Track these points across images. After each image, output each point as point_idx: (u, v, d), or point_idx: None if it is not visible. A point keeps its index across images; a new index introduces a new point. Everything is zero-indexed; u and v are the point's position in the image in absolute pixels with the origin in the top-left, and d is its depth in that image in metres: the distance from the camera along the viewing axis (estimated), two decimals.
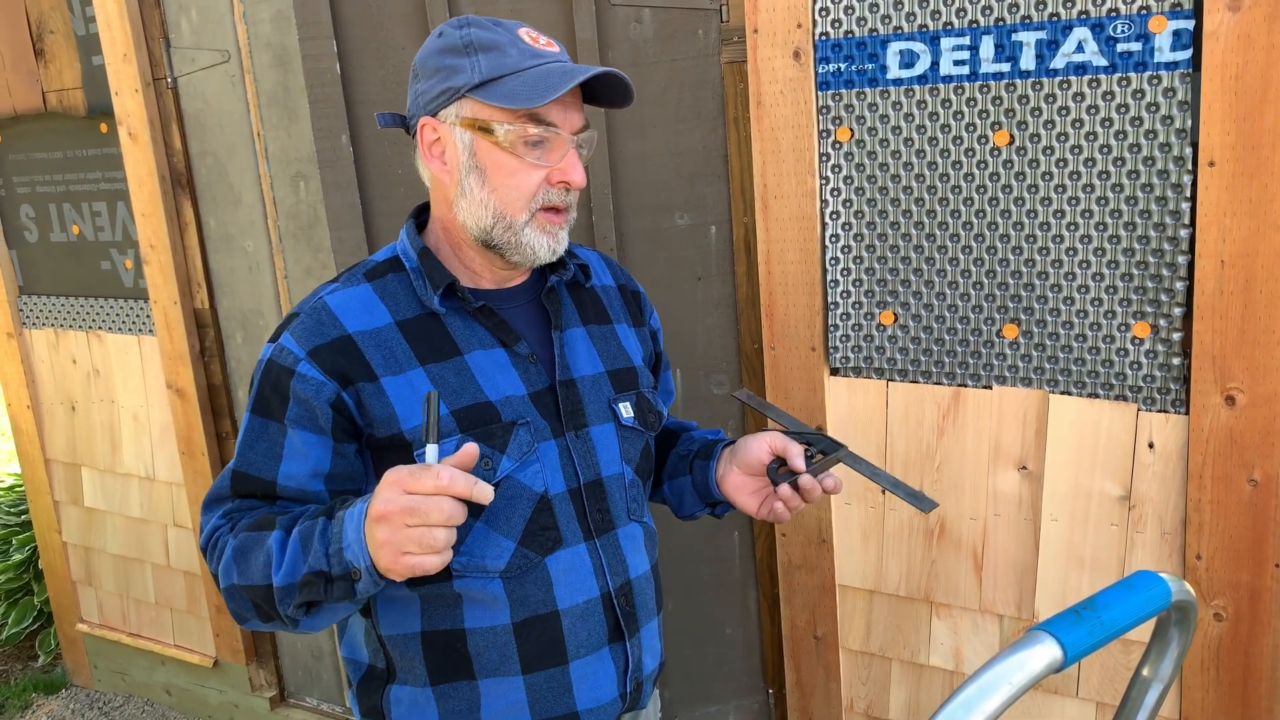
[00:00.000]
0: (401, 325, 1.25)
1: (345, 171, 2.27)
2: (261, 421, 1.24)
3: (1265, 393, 1.61)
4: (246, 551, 1.17)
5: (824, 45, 1.85)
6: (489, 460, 1.21)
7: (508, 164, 1.22)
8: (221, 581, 1.20)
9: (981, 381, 1.86)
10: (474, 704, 1.26)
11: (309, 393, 1.20)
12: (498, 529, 1.23)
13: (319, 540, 1.09)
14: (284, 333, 1.25)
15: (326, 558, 1.08)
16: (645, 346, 1.47)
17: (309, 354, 1.21)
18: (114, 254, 2.90)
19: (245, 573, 1.16)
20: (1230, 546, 1.68)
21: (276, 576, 1.11)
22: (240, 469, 1.24)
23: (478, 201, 1.23)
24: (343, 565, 1.07)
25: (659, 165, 2.15)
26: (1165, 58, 1.60)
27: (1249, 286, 1.59)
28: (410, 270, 1.29)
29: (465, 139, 1.22)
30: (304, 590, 1.09)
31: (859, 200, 1.89)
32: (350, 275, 1.30)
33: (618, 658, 1.32)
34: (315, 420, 1.21)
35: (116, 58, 2.63)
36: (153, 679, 3.28)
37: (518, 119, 1.20)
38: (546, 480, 1.26)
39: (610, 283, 1.47)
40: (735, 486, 1.39)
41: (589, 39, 2.08)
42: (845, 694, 2.15)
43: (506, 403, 1.25)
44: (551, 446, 1.27)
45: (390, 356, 1.23)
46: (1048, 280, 1.77)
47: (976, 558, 1.93)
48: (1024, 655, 0.69)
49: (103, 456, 3.09)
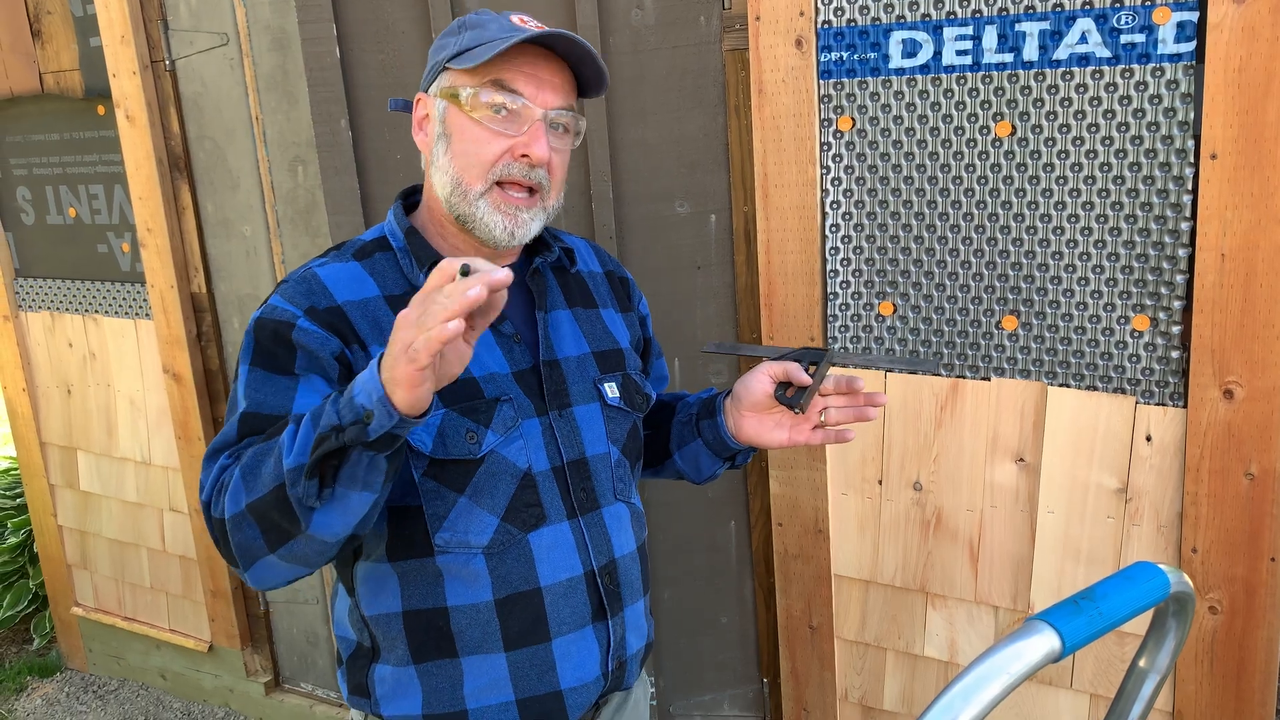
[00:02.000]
0: (389, 300, 1.25)
1: (344, 156, 2.25)
2: (266, 373, 1.18)
3: (1264, 387, 1.60)
4: (257, 465, 1.09)
5: (826, 33, 1.84)
6: (474, 434, 1.21)
7: (470, 130, 1.22)
8: (229, 510, 1.11)
9: (980, 373, 1.86)
10: (457, 681, 1.26)
11: (314, 345, 1.18)
12: (481, 504, 1.23)
13: (330, 405, 1.04)
14: (274, 295, 1.23)
15: (337, 413, 1.02)
16: (633, 331, 1.48)
17: (305, 311, 1.19)
18: (111, 237, 2.89)
19: (255, 485, 1.08)
20: (1226, 540, 1.69)
21: (288, 459, 1.04)
22: (250, 409, 1.18)
23: (443, 169, 1.25)
24: (354, 411, 1.01)
25: (659, 153, 2.14)
26: (1169, 50, 1.59)
27: (1249, 280, 1.58)
28: (397, 250, 1.30)
29: (440, 108, 1.26)
30: (315, 452, 1.02)
31: (860, 190, 1.89)
32: (338, 253, 1.30)
33: (600, 636, 1.31)
34: (324, 370, 1.18)
35: (114, 39, 2.61)
36: (148, 663, 3.28)
37: (482, 84, 1.21)
38: (530, 457, 1.25)
39: (598, 269, 1.47)
40: (754, 429, 1.38)
41: (590, 25, 2.06)
42: (840, 684, 2.15)
43: (490, 379, 1.25)
44: (535, 424, 1.27)
45: (377, 328, 1.22)
46: (1048, 272, 1.76)
47: (973, 549, 1.93)
48: (1022, 645, 0.69)
49: (99, 440, 3.08)
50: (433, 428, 1.20)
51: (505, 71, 1.21)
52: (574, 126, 1.28)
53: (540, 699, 1.28)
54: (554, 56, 1.25)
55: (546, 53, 1.24)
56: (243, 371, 1.22)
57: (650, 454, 1.53)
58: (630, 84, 2.11)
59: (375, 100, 2.24)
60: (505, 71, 1.21)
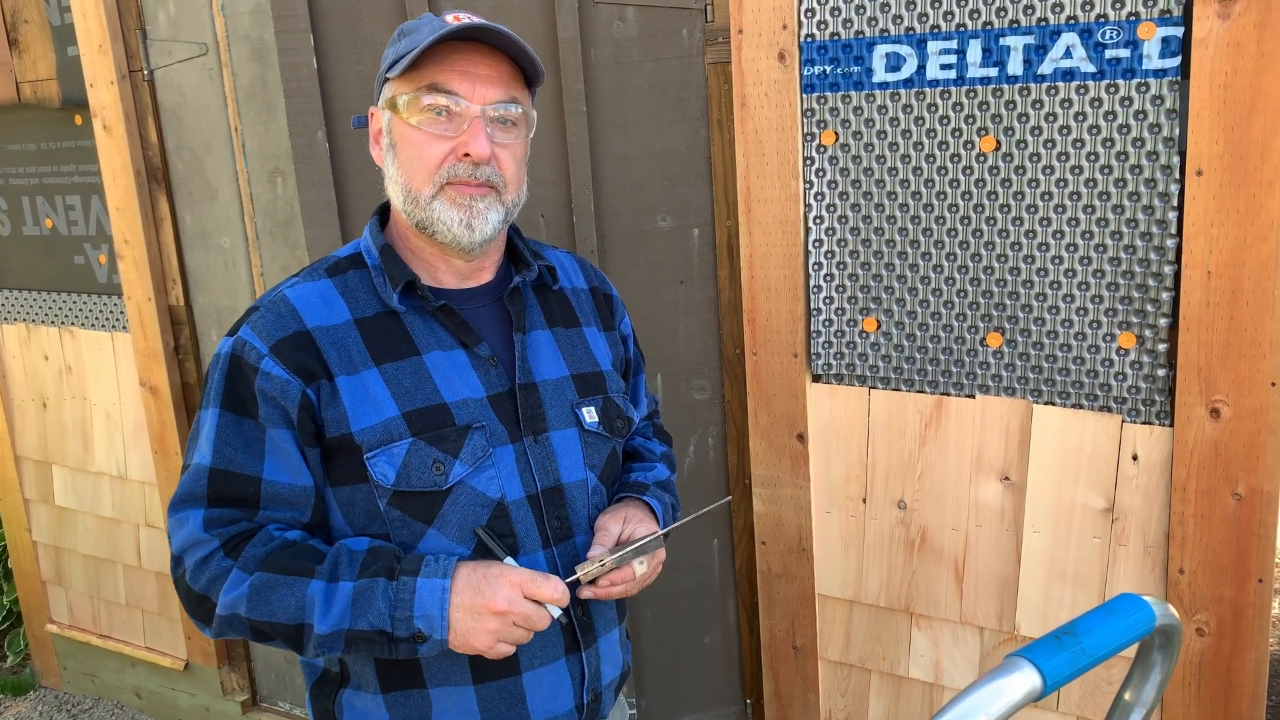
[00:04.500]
0: (359, 323, 1.22)
1: (321, 168, 2.23)
2: (235, 418, 1.19)
3: (1250, 406, 1.58)
4: (268, 591, 1.14)
5: (809, 47, 1.83)
6: (440, 464, 1.18)
7: (412, 137, 1.21)
8: (222, 606, 1.16)
9: (965, 390, 1.84)
10: (425, 712, 1.24)
11: (275, 391, 1.17)
12: (450, 536, 1.20)
13: (382, 602, 1.12)
14: (243, 325, 1.21)
15: (392, 620, 1.12)
16: (615, 351, 1.44)
17: (271, 349, 1.18)
18: (88, 249, 2.85)
19: (264, 609, 1.14)
20: (1213, 561, 1.66)
21: (322, 624, 1.13)
22: (219, 466, 1.18)
23: (394, 180, 1.24)
24: (409, 629, 1.12)
25: (641, 167, 2.11)
26: (1154, 65, 1.58)
27: (1235, 298, 1.56)
28: (372, 267, 1.27)
29: (386, 119, 1.25)
30: (359, 644, 1.14)
31: (843, 205, 1.87)
32: (312, 270, 1.28)
33: (573, 669, 1.29)
34: (288, 417, 1.18)
35: (92, 49, 2.58)
36: (123, 681, 3.22)
37: (417, 89, 1.20)
38: (503, 486, 1.22)
39: (582, 285, 1.43)
40: None
41: (571, 37, 2.04)
42: (824, 705, 2.12)
43: (462, 405, 1.22)
44: (508, 451, 1.24)
45: (345, 355, 1.20)
46: (1033, 289, 1.74)
47: (958, 569, 1.90)
48: (1002, 684, 0.66)
49: (74, 455, 3.04)
50: (396, 458, 1.17)
51: (439, 73, 1.19)
52: (522, 119, 1.25)
53: None
54: (492, 50, 1.21)
55: (483, 47, 1.21)
56: (211, 415, 1.20)
57: None
58: (612, 97, 2.09)
59: (353, 111, 2.21)
60: (439, 73, 1.19)
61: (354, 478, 1.19)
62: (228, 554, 1.17)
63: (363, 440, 1.18)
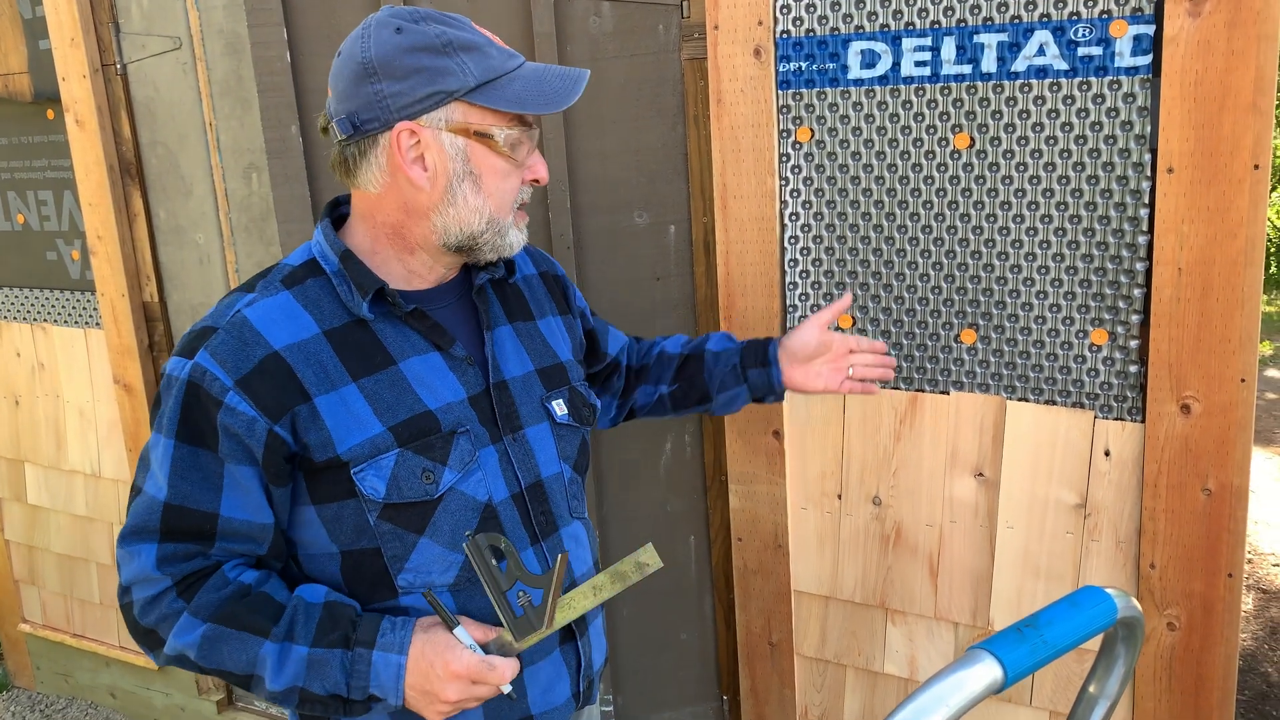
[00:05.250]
0: (329, 335, 1.18)
1: (294, 163, 2.21)
2: (191, 450, 1.14)
3: (1220, 402, 1.60)
4: (220, 643, 1.14)
5: (785, 43, 1.83)
6: (430, 473, 1.17)
7: (501, 168, 1.20)
8: (172, 646, 1.16)
9: (939, 386, 1.85)
10: None
11: (240, 428, 1.12)
12: (443, 543, 1.19)
13: (338, 672, 1.14)
14: (200, 350, 1.14)
15: (347, 687, 1.14)
16: (573, 335, 1.45)
17: (237, 383, 1.12)
18: (60, 244, 2.82)
19: (215, 659, 1.15)
20: (1184, 556, 1.67)
21: (275, 683, 1.14)
22: (174, 502, 1.14)
23: (472, 209, 1.19)
24: (364, 694, 1.15)
25: (618, 163, 2.11)
26: (1126, 62, 1.59)
27: (1205, 294, 1.58)
28: (331, 274, 1.21)
29: (458, 145, 1.16)
30: (313, 704, 1.16)
31: (818, 202, 1.87)
32: (266, 283, 1.22)
33: (569, 658, 1.31)
34: (251, 455, 1.14)
35: (64, 42, 2.55)
36: (97, 681, 3.20)
37: (513, 123, 1.19)
38: (490, 488, 1.23)
39: (531, 271, 1.43)
40: (801, 377, 1.59)
41: (547, 32, 2.03)
42: (800, 701, 2.12)
43: (447, 410, 1.21)
44: (491, 453, 1.24)
45: (321, 372, 1.16)
46: (1006, 285, 1.75)
47: (932, 564, 1.91)
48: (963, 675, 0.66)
49: (47, 453, 3.01)
50: (385, 470, 1.16)
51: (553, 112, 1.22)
52: None
53: None
54: None
55: None
56: (165, 445, 1.15)
57: (682, 398, 1.62)
58: (588, 93, 2.08)
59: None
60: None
61: (340, 494, 1.17)
62: (180, 594, 1.15)
63: (349, 458, 1.15)
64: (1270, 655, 3.35)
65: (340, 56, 1.19)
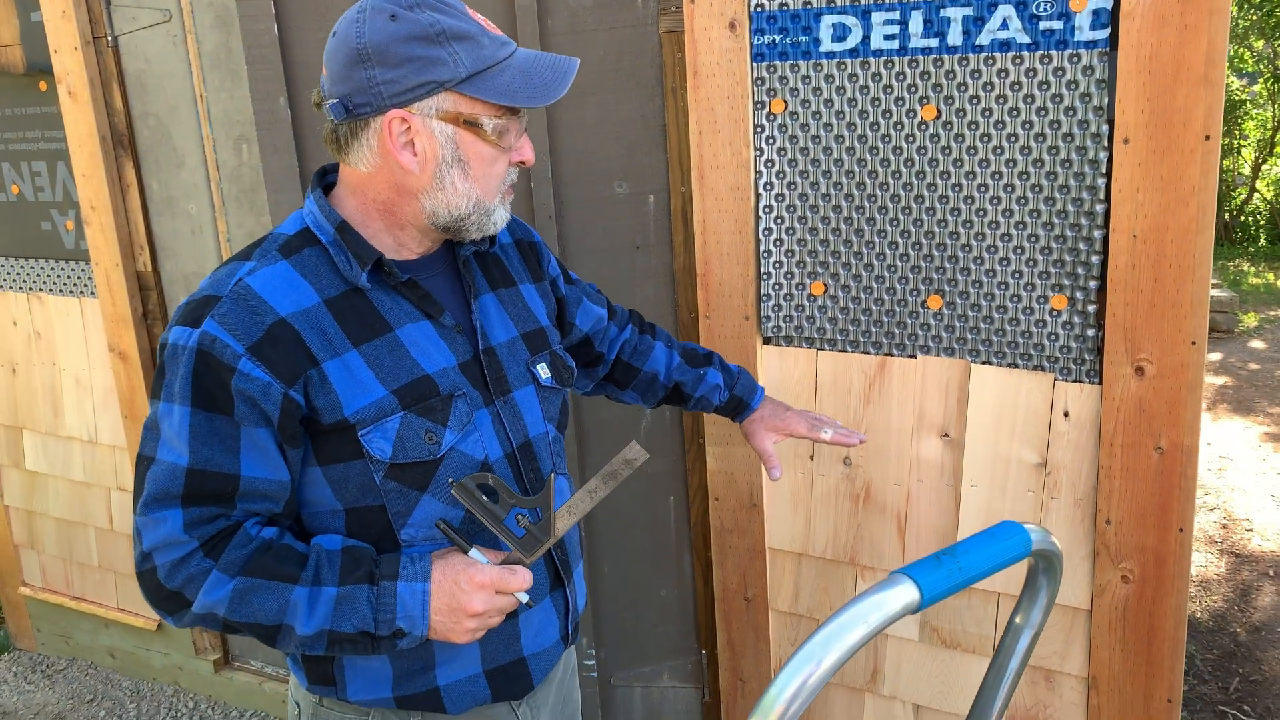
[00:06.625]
0: (329, 304, 1.22)
1: (283, 134, 2.26)
2: (207, 415, 1.16)
3: (1172, 364, 1.66)
4: (251, 594, 1.17)
5: (759, 17, 1.88)
6: (432, 434, 1.23)
7: (489, 155, 1.24)
8: (199, 605, 1.17)
9: (907, 351, 1.91)
10: (429, 662, 1.30)
11: (256, 393, 1.16)
12: (443, 499, 1.26)
13: (366, 606, 1.18)
14: (206, 318, 1.16)
15: (375, 622, 1.18)
16: (548, 301, 1.51)
17: (249, 350, 1.15)
18: (54, 215, 2.87)
19: (245, 611, 1.17)
20: (1137, 512, 1.75)
21: (305, 627, 1.17)
22: (196, 466, 1.16)
23: (459, 193, 1.23)
24: (391, 629, 1.18)
25: (598, 134, 2.16)
26: (1085, 36, 1.64)
27: (1159, 261, 1.64)
28: (328, 244, 1.25)
29: (447, 133, 1.20)
30: (341, 644, 1.19)
31: (792, 172, 1.93)
32: (263, 253, 1.25)
33: (558, 603, 1.39)
34: (267, 417, 1.18)
35: (55, 14, 2.59)
36: (96, 642, 3.28)
37: (502, 112, 1.22)
38: (485, 447, 1.30)
39: (507, 239, 1.49)
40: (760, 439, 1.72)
41: (528, 5, 2.08)
42: (774, 654, 2.21)
43: (443, 374, 1.27)
44: (485, 414, 1.30)
45: (325, 339, 1.20)
46: (971, 253, 1.81)
47: (900, 522, 1.98)
48: (882, 596, 0.73)
49: (44, 419, 3.07)
50: (390, 432, 1.21)
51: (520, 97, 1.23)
52: None
53: (505, 668, 1.34)
54: None
55: None
56: (180, 411, 1.16)
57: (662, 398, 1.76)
58: None
59: (315, 78, 2.24)
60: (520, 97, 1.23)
61: (346, 455, 1.22)
62: (206, 554, 1.18)
63: (356, 420, 1.20)
64: (1240, 616, 3.45)
65: (335, 37, 1.21)
